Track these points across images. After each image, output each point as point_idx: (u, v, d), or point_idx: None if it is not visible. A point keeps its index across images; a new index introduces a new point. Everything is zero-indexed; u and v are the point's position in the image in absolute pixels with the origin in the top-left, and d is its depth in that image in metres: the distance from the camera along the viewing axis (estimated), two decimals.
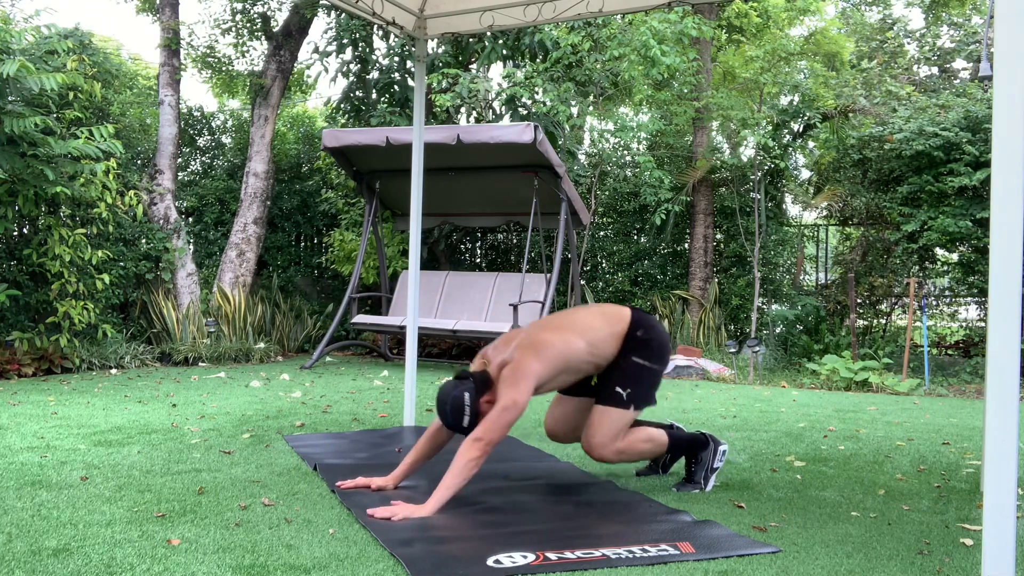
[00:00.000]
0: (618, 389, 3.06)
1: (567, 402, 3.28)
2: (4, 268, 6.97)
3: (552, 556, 2.34)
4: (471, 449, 2.76)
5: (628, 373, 3.06)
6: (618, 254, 10.01)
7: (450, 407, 2.85)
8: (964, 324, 9.28)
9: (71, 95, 7.09)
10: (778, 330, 8.96)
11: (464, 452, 2.77)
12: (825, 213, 9.83)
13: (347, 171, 8.24)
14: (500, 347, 3.03)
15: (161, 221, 8.61)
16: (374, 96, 9.61)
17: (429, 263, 9.65)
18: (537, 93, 8.92)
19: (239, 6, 10.24)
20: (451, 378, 2.95)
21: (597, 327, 3.08)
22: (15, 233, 7.16)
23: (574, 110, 8.99)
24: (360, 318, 7.99)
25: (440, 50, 9.39)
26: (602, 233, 10.20)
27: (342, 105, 9.77)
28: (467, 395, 2.85)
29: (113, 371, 7.09)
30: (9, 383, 6.19)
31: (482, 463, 2.80)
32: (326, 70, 9.62)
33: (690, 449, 3.28)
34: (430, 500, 2.76)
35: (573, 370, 3.04)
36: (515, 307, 7.18)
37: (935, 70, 12.01)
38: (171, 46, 8.88)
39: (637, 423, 3.29)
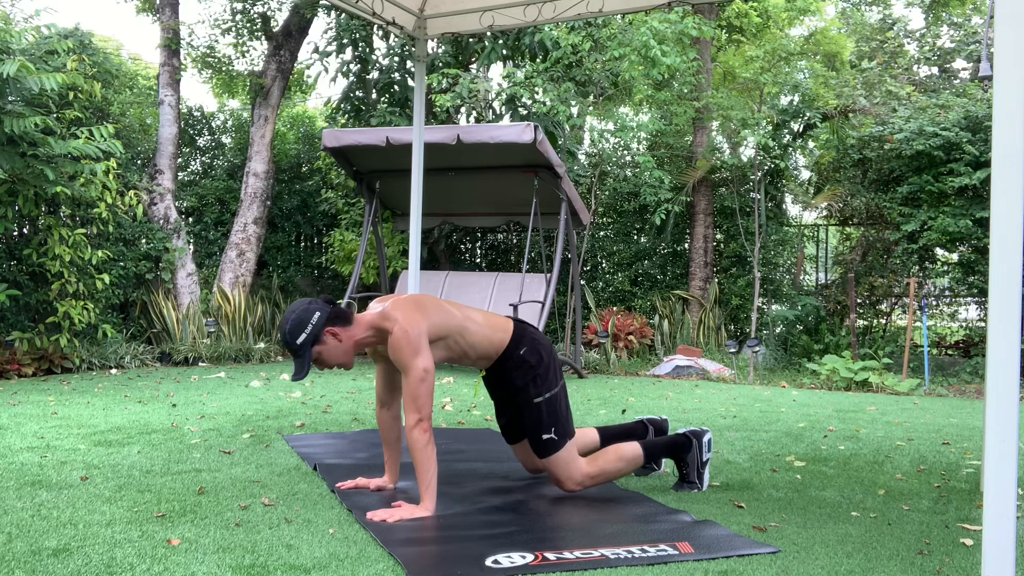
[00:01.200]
0: (544, 437, 2.98)
1: (519, 449, 3.27)
2: (4, 268, 6.97)
3: (551, 556, 2.34)
4: (419, 435, 2.70)
5: (543, 417, 2.98)
6: (618, 254, 10.01)
7: (295, 317, 2.71)
8: (964, 324, 9.28)
9: (71, 95, 7.09)
10: (778, 330, 8.96)
11: (415, 442, 2.70)
12: (825, 213, 9.83)
13: (347, 171, 8.24)
14: (372, 307, 2.92)
15: (161, 221, 8.61)
16: (374, 96, 9.61)
17: (429, 263, 9.65)
18: (537, 93, 8.92)
19: (239, 6, 10.24)
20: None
21: (478, 321, 2.97)
22: (15, 233, 7.16)
23: (574, 110, 8.99)
24: None
25: (440, 50, 9.39)
26: (602, 233, 10.20)
27: (342, 105, 9.77)
28: (317, 314, 2.72)
29: (113, 371, 7.09)
30: (9, 383, 6.19)
31: (434, 438, 2.74)
32: (326, 70, 9.62)
33: (674, 454, 3.24)
34: (424, 500, 2.75)
35: (448, 345, 2.90)
36: (515, 307, 7.18)
37: (935, 70, 12.01)
38: (171, 46, 8.88)
39: (606, 440, 3.26)
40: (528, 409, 3.00)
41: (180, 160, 10.00)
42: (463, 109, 9.42)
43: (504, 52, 9.12)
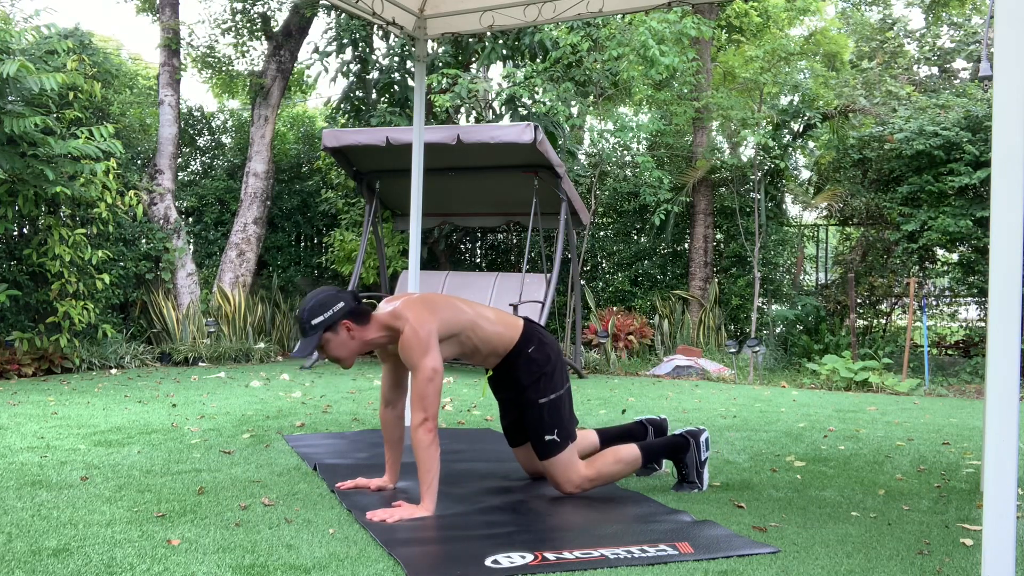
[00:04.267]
0: (547, 438, 2.99)
1: (521, 452, 3.26)
2: (4, 268, 6.97)
3: (550, 556, 2.34)
4: (423, 435, 2.71)
5: (547, 418, 2.99)
6: (618, 254, 10.01)
7: (319, 299, 2.76)
8: (964, 324, 9.27)
9: (71, 95, 7.09)
10: (778, 330, 8.96)
11: (420, 442, 2.71)
12: (825, 213, 9.83)
13: (347, 171, 8.24)
14: (382, 307, 2.92)
15: (161, 221, 8.61)
16: (374, 96, 9.61)
17: (429, 263, 9.65)
18: (537, 93, 8.91)
19: (239, 6, 10.24)
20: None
21: (489, 318, 3.00)
22: (15, 233, 7.15)
23: (574, 110, 8.99)
24: None
25: (440, 50, 9.39)
26: (602, 233, 10.20)
27: (342, 105, 9.77)
28: (341, 304, 2.76)
29: (113, 371, 7.09)
30: (9, 383, 6.18)
31: (438, 439, 2.75)
32: (326, 70, 9.61)
33: (672, 454, 3.24)
34: (424, 500, 2.75)
35: (460, 341, 2.92)
36: (515, 307, 7.18)
37: (935, 70, 12.01)
38: (171, 46, 8.88)
39: (606, 441, 3.26)
40: (532, 409, 3.00)
41: (180, 160, 10.01)
42: (463, 109, 9.42)
43: (504, 52, 9.12)
